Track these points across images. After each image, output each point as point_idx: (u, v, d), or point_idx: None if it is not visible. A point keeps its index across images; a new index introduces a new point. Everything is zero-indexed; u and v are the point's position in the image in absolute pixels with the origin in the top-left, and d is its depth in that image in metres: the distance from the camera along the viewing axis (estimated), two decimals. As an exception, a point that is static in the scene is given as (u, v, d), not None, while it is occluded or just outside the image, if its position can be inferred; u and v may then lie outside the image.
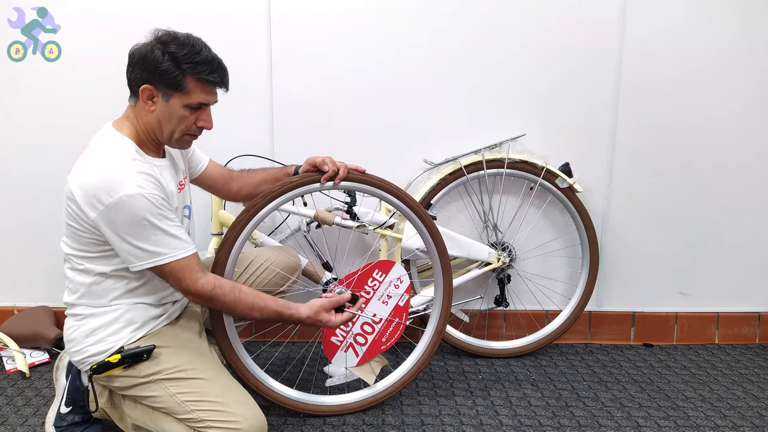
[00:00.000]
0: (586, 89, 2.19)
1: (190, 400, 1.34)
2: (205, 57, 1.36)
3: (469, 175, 2.10)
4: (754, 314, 2.37)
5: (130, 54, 1.36)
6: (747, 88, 2.21)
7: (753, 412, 1.82)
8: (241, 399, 1.38)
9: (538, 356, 2.22)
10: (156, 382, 1.37)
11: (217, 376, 1.40)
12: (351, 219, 2.01)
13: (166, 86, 1.34)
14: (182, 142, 1.44)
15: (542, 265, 2.30)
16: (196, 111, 1.39)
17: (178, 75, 1.33)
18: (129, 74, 1.37)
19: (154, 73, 1.33)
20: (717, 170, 2.26)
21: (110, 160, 1.31)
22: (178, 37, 1.35)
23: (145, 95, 1.35)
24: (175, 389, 1.36)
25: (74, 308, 1.42)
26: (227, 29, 2.11)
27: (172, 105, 1.36)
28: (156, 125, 1.38)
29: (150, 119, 1.37)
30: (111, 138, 1.36)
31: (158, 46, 1.33)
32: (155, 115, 1.37)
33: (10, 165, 2.19)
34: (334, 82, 2.16)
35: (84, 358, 1.40)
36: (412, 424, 1.72)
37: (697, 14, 2.16)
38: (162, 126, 1.38)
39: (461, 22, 2.14)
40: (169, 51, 1.32)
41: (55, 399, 1.57)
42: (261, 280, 1.71)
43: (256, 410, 1.37)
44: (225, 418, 1.32)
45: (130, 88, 1.38)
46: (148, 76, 1.33)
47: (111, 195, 1.26)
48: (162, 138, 1.40)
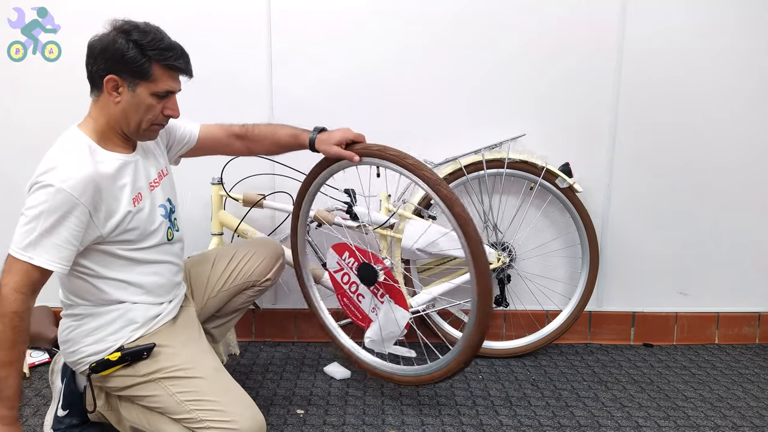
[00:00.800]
0: (586, 89, 2.19)
1: (189, 400, 1.33)
2: (169, 43, 1.34)
3: (469, 175, 2.10)
4: (754, 314, 2.37)
5: (90, 45, 1.32)
6: (747, 88, 2.21)
7: (753, 412, 1.82)
8: (240, 399, 1.37)
9: (538, 356, 2.22)
10: (155, 381, 1.36)
11: (216, 376, 1.39)
12: (351, 219, 2.01)
13: (132, 75, 1.30)
14: (150, 133, 1.40)
15: (542, 265, 2.30)
16: (162, 99, 1.35)
17: (144, 63, 1.29)
18: (90, 66, 1.32)
19: (120, 62, 1.28)
20: (717, 170, 2.26)
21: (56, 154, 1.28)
22: (138, 26, 1.32)
23: (109, 86, 1.30)
24: (175, 388, 1.34)
25: (71, 308, 1.40)
26: (227, 29, 2.11)
27: (138, 94, 1.32)
28: (122, 117, 1.33)
29: (115, 111, 1.33)
30: (68, 136, 1.34)
31: (120, 35, 1.29)
32: (121, 107, 1.32)
33: (10, 165, 2.19)
34: (334, 83, 2.16)
35: (81, 358, 1.39)
36: (412, 424, 1.72)
37: (697, 14, 2.16)
38: (129, 117, 1.33)
39: (461, 22, 2.14)
40: (133, 39, 1.29)
41: (52, 402, 1.57)
42: (246, 271, 1.71)
43: (255, 410, 1.36)
44: (223, 418, 1.31)
45: (92, 81, 1.33)
46: (113, 66, 1.29)
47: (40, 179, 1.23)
48: (129, 130, 1.36)
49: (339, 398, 1.87)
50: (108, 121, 1.34)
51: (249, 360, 2.16)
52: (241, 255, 1.72)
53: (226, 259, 1.71)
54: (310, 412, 1.79)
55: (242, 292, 1.73)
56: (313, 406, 1.82)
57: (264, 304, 2.25)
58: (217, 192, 2.07)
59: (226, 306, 1.74)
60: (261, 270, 1.73)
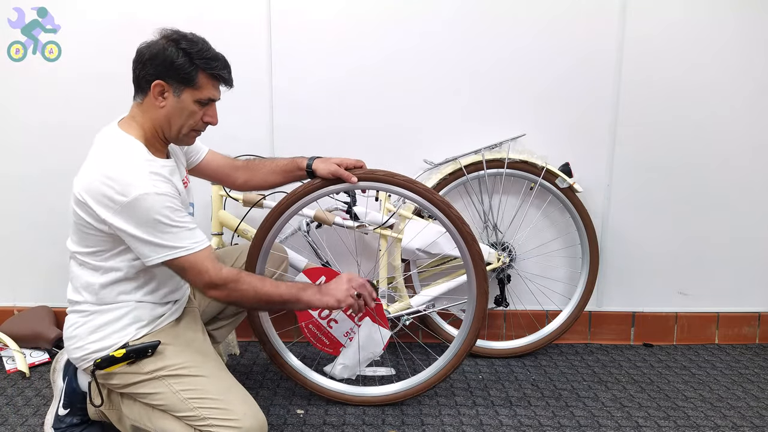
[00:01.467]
0: (586, 89, 2.19)
1: (192, 398, 1.35)
2: (215, 54, 1.41)
3: (469, 175, 2.10)
4: (754, 314, 2.37)
5: (140, 51, 1.38)
6: (747, 87, 2.21)
7: (753, 412, 1.82)
8: (243, 398, 1.38)
9: (538, 356, 2.22)
10: (159, 378, 1.37)
11: (219, 375, 1.41)
12: (351, 219, 2.01)
13: (178, 81, 1.36)
14: (188, 138, 1.46)
15: (542, 265, 2.30)
16: (203, 107, 1.42)
17: (191, 70, 1.36)
18: (138, 71, 1.38)
19: (169, 68, 1.35)
20: (717, 170, 2.26)
21: (122, 161, 1.32)
22: (186, 36, 1.38)
23: (156, 91, 1.36)
24: (178, 386, 1.36)
25: (79, 305, 1.42)
26: (227, 29, 2.11)
27: (183, 100, 1.38)
28: (165, 121, 1.39)
29: (159, 115, 1.39)
30: (120, 139, 1.37)
31: (171, 43, 1.36)
32: (165, 111, 1.38)
33: (10, 165, 2.19)
34: (334, 82, 2.16)
35: (85, 354, 1.40)
36: (412, 424, 1.72)
37: (696, 13, 2.16)
38: (171, 121, 1.40)
39: (461, 22, 2.14)
40: (182, 47, 1.35)
41: (53, 401, 1.57)
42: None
43: (256, 409, 1.37)
44: (226, 416, 1.32)
45: (138, 85, 1.40)
46: (162, 72, 1.35)
47: (125, 195, 1.27)
48: (170, 134, 1.42)
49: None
50: (153, 125, 1.40)
51: (249, 360, 2.16)
52: (245, 257, 1.73)
53: (230, 261, 1.73)
54: (310, 412, 1.79)
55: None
56: (313, 406, 1.82)
57: (264, 304, 2.25)
58: (217, 192, 2.07)
59: (228, 308, 1.75)
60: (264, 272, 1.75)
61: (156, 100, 1.37)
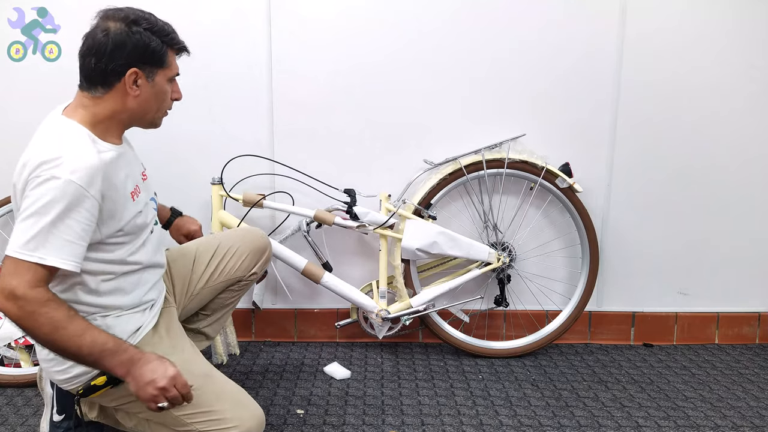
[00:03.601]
0: (586, 89, 2.19)
1: (184, 414, 1.27)
2: (166, 25, 1.31)
3: (469, 175, 2.10)
4: (754, 314, 2.37)
5: (98, 41, 1.23)
6: (747, 88, 2.21)
7: (753, 412, 1.82)
8: (234, 401, 1.32)
9: (538, 356, 2.22)
10: None
11: (207, 383, 1.32)
12: (351, 219, 2.01)
13: (152, 65, 1.26)
14: (159, 122, 1.36)
15: (542, 265, 2.30)
16: (170, 84, 1.33)
17: (163, 50, 1.27)
18: (102, 64, 1.22)
19: (143, 54, 1.24)
20: (717, 170, 2.26)
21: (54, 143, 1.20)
22: (141, 14, 1.28)
23: (131, 80, 1.24)
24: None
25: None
26: (227, 29, 2.11)
27: (157, 83, 1.29)
28: (139, 109, 1.28)
29: (133, 105, 1.27)
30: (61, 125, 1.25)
31: (133, 26, 1.24)
32: (140, 99, 1.27)
33: (11, 165, 2.18)
34: (333, 82, 2.16)
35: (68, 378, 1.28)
36: (412, 424, 1.72)
37: (696, 14, 2.16)
38: (148, 108, 1.30)
39: (461, 22, 2.14)
40: (146, 28, 1.25)
41: (45, 408, 1.51)
42: (230, 268, 1.63)
43: (251, 407, 1.32)
44: (221, 426, 1.27)
45: (102, 79, 1.24)
46: (135, 59, 1.23)
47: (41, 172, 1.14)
48: (145, 121, 1.32)
49: (339, 398, 1.87)
50: (114, 115, 1.27)
51: (249, 360, 2.16)
52: (224, 250, 1.63)
53: (209, 254, 1.62)
54: (310, 412, 1.79)
55: (227, 288, 1.66)
56: (313, 406, 1.82)
57: (264, 304, 2.25)
58: (217, 192, 2.07)
59: (212, 303, 1.67)
60: (246, 265, 1.66)
61: (131, 91, 1.25)
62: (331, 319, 2.28)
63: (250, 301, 2.18)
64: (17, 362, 2.00)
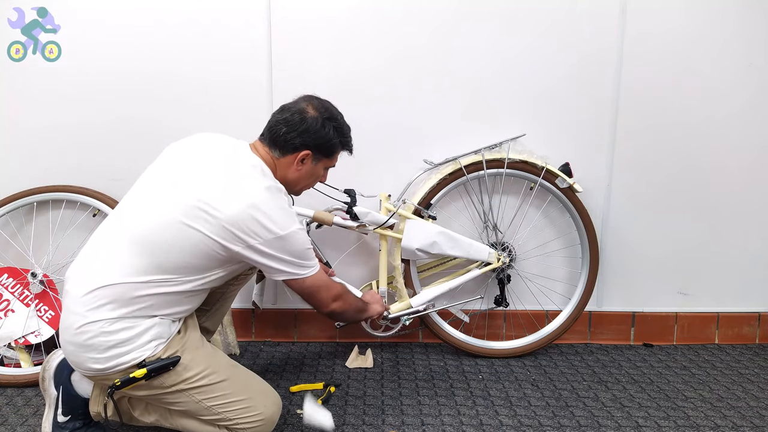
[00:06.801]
0: (586, 89, 2.19)
1: (217, 404, 1.39)
2: (348, 129, 1.55)
3: (469, 175, 2.10)
4: (754, 314, 2.37)
5: (297, 121, 1.44)
6: (747, 88, 2.21)
7: (753, 412, 1.82)
8: (259, 389, 1.46)
9: (538, 356, 2.22)
10: (181, 391, 1.38)
11: (235, 374, 1.45)
12: (351, 219, 2.01)
13: (322, 154, 1.50)
14: (300, 193, 1.59)
15: (542, 265, 2.30)
16: (325, 170, 1.57)
17: (337, 148, 1.52)
18: (288, 135, 1.44)
19: (322, 144, 1.47)
20: (717, 170, 2.26)
21: (274, 196, 1.37)
22: (335, 115, 1.51)
23: (300, 158, 1.46)
24: (200, 396, 1.38)
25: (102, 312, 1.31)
26: (227, 29, 2.11)
27: (317, 168, 1.52)
28: (294, 181, 1.50)
29: (292, 176, 1.48)
30: (263, 171, 1.42)
31: (327, 122, 1.47)
32: (299, 174, 1.49)
33: (11, 166, 2.18)
34: (333, 82, 2.16)
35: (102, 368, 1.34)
36: (412, 424, 1.72)
37: (696, 14, 2.16)
38: (299, 183, 1.52)
39: (461, 22, 2.14)
40: (335, 127, 1.49)
41: (46, 408, 1.53)
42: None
43: (272, 394, 1.47)
44: (250, 413, 1.40)
45: (282, 145, 1.45)
46: (313, 145, 1.46)
47: (282, 228, 1.34)
48: (291, 189, 1.52)
49: (339, 398, 1.87)
50: (282, 179, 1.47)
51: (249, 360, 2.16)
52: None
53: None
54: (310, 412, 1.79)
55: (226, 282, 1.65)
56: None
57: (264, 304, 2.25)
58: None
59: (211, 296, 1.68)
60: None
61: (295, 164, 1.47)
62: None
63: (250, 301, 2.18)
64: (17, 362, 2.01)
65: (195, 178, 1.34)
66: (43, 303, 2.05)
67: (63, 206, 2.15)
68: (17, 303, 2.03)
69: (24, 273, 2.05)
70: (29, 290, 2.05)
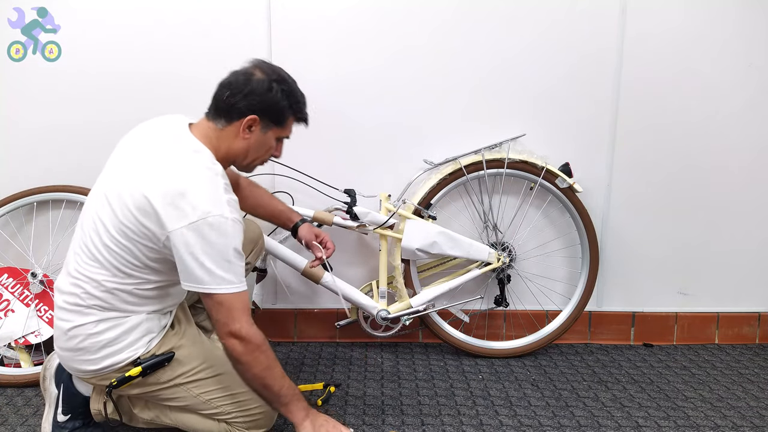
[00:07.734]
0: (586, 89, 2.19)
1: (214, 398, 1.39)
2: (302, 96, 1.43)
3: (469, 175, 2.10)
4: (754, 314, 2.37)
5: (238, 81, 1.34)
6: (747, 88, 2.21)
7: (753, 412, 1.82)
8: None
9: (538, 356, 2.22)
10: (178, 385, 1.39)
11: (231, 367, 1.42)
12: (351, 219, 2.01)
13: (270, 120, 1.38)
14: (253, 169, 1.47)
15: (542, 265, 2.30)
16: (278, 143, 1.45)
17: (287, 113, 1.39)
18: (233, 99, 1.33)
19: (269, 108, 1.36)
20: (717, 170, 2.26)
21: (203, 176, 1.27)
22: (285, 77, 1.40)
23: (247, 124, 1.35)
24: (198, 390, 1.39)
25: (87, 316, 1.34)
26: (227, 29, 2.11)
27: (268, 137, 1.40)
28: (242, 152, 1.38)
29: (238, 146, 1.37)
30: (196, 149, 1.33)
31: (275, 84, 1.35)
32: (246, 144, 1.37)
33: (11, 166, 2.18)
34: (334, 82, 2.16)
35: (97, 369, 1.36)
36: (412, 424, 1.72)
37: (696, 14, 2.16)
38: (248, 153, 1.40)
39: (461, 22, 2.14)
40: (284, 89, 1.37)
41: (47, 408, 1.53)
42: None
43: None
44: (249, 406, 1.40)
45: (226, 112, 1.35)
46: (260, 109, 1.35)
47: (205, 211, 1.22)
48: (240, 163, 1.42)
49: (339, 398, 1.87)
50: (227, 152, 1.37)
51: (249, 360, 2.15)
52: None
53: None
54: (310, 412, 1.79)
55: None
56: (312, 406, 1.82)
57: (264, 304, 2.25)
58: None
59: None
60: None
61: (242, 133, 1.36)
62: (331, 319, 2.28)
63: (250, 302, 2.18)
64: (17, 362, 2.00)
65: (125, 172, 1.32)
66: (43, 303, 2.05)
67: (63, 206, 2.15)
68: (17, 303, 2.03)
69: (24, 273, 2.05)
70: (29, 290, 2.05)
